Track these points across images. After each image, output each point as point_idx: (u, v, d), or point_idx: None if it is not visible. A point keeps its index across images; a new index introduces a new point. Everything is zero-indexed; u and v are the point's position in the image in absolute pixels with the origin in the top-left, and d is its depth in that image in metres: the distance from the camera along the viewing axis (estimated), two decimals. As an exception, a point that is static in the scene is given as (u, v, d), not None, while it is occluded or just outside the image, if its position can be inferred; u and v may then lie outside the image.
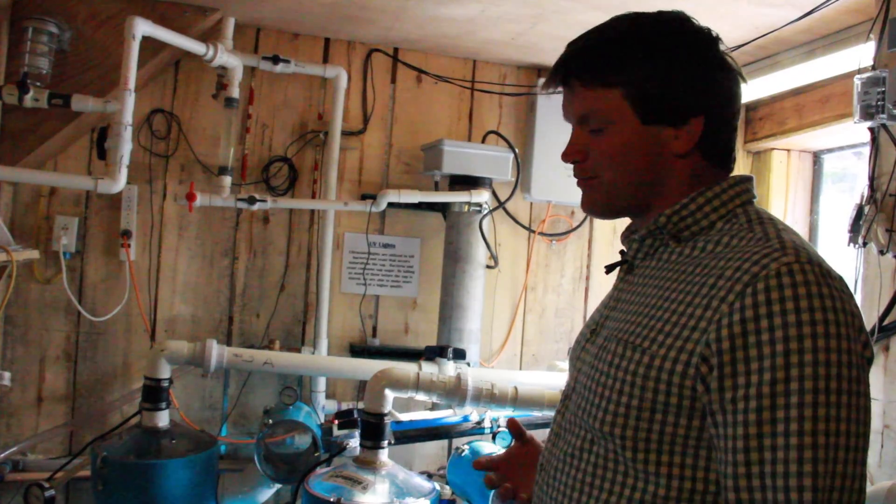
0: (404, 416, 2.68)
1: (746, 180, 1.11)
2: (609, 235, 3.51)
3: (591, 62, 1.10)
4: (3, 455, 2.73)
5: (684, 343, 0.96)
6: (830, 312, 0.90)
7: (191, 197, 2.79)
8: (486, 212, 3.13)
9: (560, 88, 1.17)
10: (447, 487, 2.68)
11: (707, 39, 1.11)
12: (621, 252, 1.22)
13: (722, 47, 1.12)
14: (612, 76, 1.08)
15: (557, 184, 3.26)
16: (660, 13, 1.12)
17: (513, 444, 1.42)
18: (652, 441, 0.98)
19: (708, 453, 0.96)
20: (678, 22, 1.11)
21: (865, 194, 2.20)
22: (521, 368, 3.43)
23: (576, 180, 1.18)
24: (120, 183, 2.55)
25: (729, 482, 0.91)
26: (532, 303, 3.47)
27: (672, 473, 0.98)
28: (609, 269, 1.23)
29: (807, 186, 3.41)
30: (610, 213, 1.18)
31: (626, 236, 1.20)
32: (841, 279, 0.96)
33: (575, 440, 1.09)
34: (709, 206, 1.07)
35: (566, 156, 1.16)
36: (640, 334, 1.02)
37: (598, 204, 1.16)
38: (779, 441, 0.87)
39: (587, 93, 1.10)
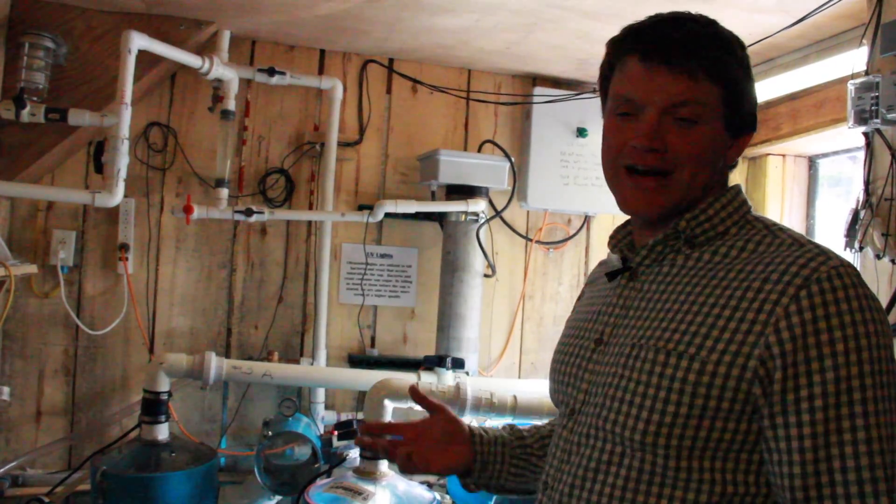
0: (404, 426, 2.67)
1: (742, 189, 1.14)
2: (606, 243, 3.51)
3: (718, 51, 1.07)
4: (2, 470, 2.72)
5: (739, 347, 0.96)
6: (876, 312, 0.95)
7: (188, 209, 2.79)
8: (482, 221, 3.13)
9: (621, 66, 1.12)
10: (447, 497, 2.67)
11: None
12: (623, 259, 1.20)
13: None
14: (725, 73, 1.07)
15: (554, 192, 3.26)
16: None
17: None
18: (696, 448, 0.98)
19: (749, 457, 0.98)
20: None
21: (861, 199, 2.20)
22: (520, 377, 3.42)
23: (627, 175, 1.11)
24: (117, 196, 2.55)
25: (797, 482, 0.92)
26: (530, 311, 3.47)
27: (714, 479, 0.98)
28: (611, 276, 1.21)
29: (802, 191, 3.41)
30: (669, 214, 1.11)
31: (617, 243, 1.21)
32: None
33: (597, 454, 1.07)
34: (724, 212, 1.10)
35: (646, 138, 1.07)
36: (682, 340, 1.00)
37: (663, 206, 1.10)
38: (846, 437, 0.90)
39: (704, 81, 1.05)
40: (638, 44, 1.09)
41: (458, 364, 2.86)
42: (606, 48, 1.15)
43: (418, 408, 2.44)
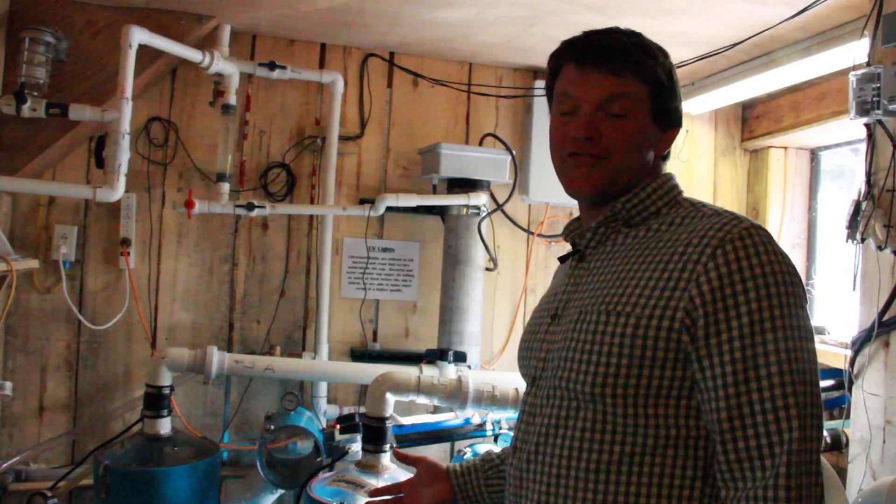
0: (406, 420, 2.68)
1: (674, 176, 1.30)
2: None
3: (641, 56, 1.23)
4: (5, 465, 2.72)
5: (668, 302, 1.11)
6: (784, 265, 1.10)
7: (189, 204, 2.79)
8: (484, 214, 3.13)
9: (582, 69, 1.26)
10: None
11: None
12: (573, 243, 1.35)
13: None
14: (649, 72, 1.23)
15: (555, 185, 3.22)
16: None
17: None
18: (640, 395, 1.12)
19: (688, 402, 1.11)
20: None
21: (863, 190, 2.20)
22: (522, 370, 3.42)
23: (570, 161, 1.27)
24: (118, 191, 2.55)
25: (723, 414, 1.07)
26: (532, 304, 3.46)
27: (658, 423, 1.12)
28: (563, 259, 1.38)
29: (804, 183, 3.41)
30: (604, 193, 1.27)
31: (572, 230, 1.35)
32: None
33: (557, 412, 1.20)
34: (655, 195, 1.26)
35: (583, 129, 1.23)
36: (621, 302, 1.15)
37: (599, 183, 1.25)
38: (762, 371, 1.05)
39: (630, 80, 1.22)
40: (573, 52, 1.27)
41: (460, 357, 2.86)
42: (549, 60, 1.32)
43: (420, 400, 2.46)
